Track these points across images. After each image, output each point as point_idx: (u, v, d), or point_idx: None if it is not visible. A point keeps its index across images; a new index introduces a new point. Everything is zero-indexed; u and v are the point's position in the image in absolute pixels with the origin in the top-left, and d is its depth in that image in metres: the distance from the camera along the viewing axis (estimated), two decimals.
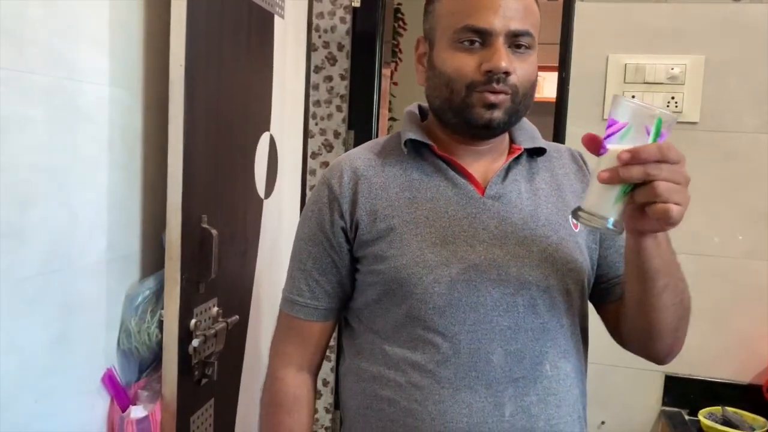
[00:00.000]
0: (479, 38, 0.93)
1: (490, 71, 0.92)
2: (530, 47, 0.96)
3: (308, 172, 2.55)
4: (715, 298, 1.85)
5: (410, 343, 0.97)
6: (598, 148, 0.81)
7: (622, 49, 1.88)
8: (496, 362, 0.94)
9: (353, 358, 1.05)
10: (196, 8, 1.32)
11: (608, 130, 0.80)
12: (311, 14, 2.18)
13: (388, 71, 3.45)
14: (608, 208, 0.79)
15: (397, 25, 3.52)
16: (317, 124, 3.08)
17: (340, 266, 1.04)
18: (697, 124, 1.84)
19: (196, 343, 1.38)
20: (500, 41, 0.92)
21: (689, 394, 1.88)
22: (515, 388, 0.95)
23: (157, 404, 1.34)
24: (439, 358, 0.95)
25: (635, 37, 1.87)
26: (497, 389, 0.94)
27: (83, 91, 1.22)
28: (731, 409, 1.78)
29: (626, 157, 0.75)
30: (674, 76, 1.83)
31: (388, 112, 3.42)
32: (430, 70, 1.00)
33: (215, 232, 1.41)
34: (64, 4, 1.16)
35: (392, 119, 3.46)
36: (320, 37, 3.03)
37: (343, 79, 3.06)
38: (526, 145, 1.05)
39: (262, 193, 1.77)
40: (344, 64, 3.06)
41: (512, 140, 1.07)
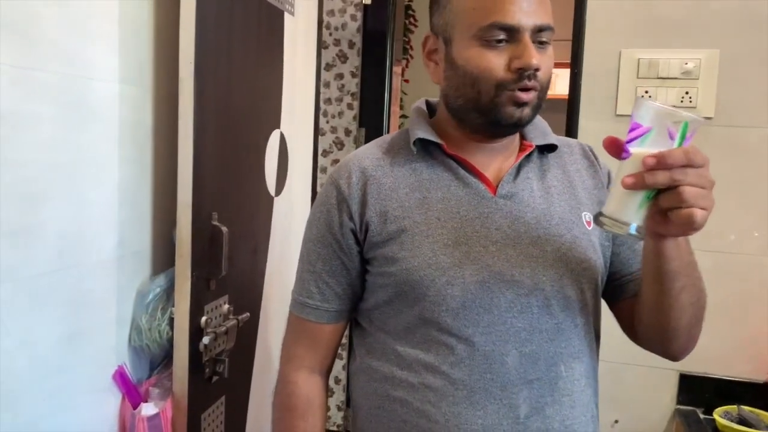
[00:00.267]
0: (506, 35, 0.91)
1: (521, 68, 0.90)
2: (549, 41, 0.94)
3: (319, 169, 2.55)
4: (730, 295, 1.82)
5: (423, 344, 0.96)
6: (619, 151, 0.79)
7: (635, 44, 1.86)
8: (510, 364, 0.93)
9: (364, 357, 1.04)
10: (205, 5, 1.32)
11: (631, 133, 0.77)
12: (321, 12, 2.17)
13: (399, 68, 3.44)
14: (632, 213, 0.77)
15: (408, 22, 3.51)
16: (328, 121, 3.08)
17: (350, 268, 1.03)
18: (711, 119, 1.82)
19: (206, 340, 1.38)
20: (527, 37, 0.91)
21: (704, 392, 1.86)
22: (530, 389, 0.94)
23: (168, 401, 1.34)
24: (453, 359, 0.94)
25: (648, 31, 1.85)
26: (512, 391, 0.93)
27: (93, 88, 1.22)
28: (747, 407, 1.75)
29: (652, 162, 0.73)
30: (688, 71, 1.81)
31: (399, 109, 3.42)
32: (450, 69, 0.97)
33: (225, 229, 1.41)
34: (73, 1, 1.16)
35: (403, 116, 3.46)
36: (331, 34, 3.03)
37: (354, 76, 3.06)
38: (537, 141, 1.03)
39: (272, 190, 1.77)
40: (355, 61, 3.06)
41: (522, 137, 1.05)
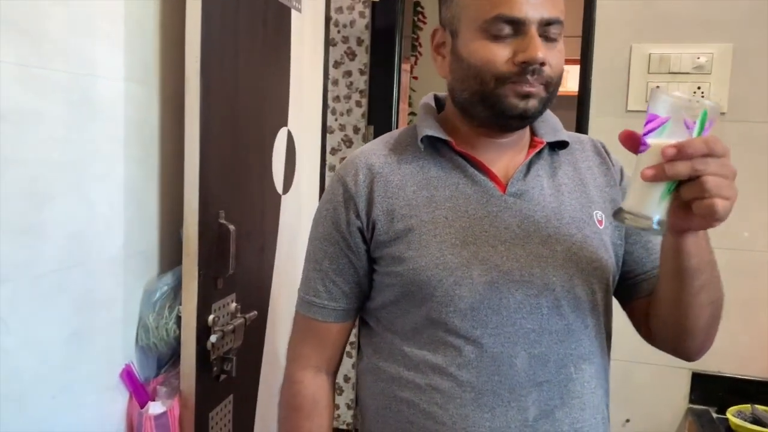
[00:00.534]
0: (511, 28, 0.89)
1: (525, 62, 0.88)
2: (560, 35, 0.92)
3: (327, 167, 2.54)
4: (744, 293, 1.80)
5: (430, 345, 0.94)
6: (636, 145, 0.77)
7: (645, 38, 1.83)
8: (519, 366, 0.91)
9: (371, 357, 1.03)
10: (211, 3, 1.32)
11: (647, 125, 0.75)
12: (329, 9, 2.16)
13: (407, 66, 3.43)
14: (653, 207, 0.75)
15: (416, 19, 3.50)
16: (336, 119, 3.07)
17: (357, 266, 1.01)
18: (724, 114, 1.79)
19: (214, 338, 1.38)
20: (533, 30, 0.88)
21: (717, 391, 1.83)
22: (539, 392, 0.92)
23: (175, 400, 1.34)
24: (460, 361, 0.92)
25: (659, 26, 1.83)
26: (520, 393, 0.91)
27: (99, 86, 1.22)
28: (761, 407, 1.73)
29: (672, 152, 0.71)
30: (700, 65, 1.78)
31: (408, 106, 3.40)
32: (455, 61, 0.96)
33: (233, 227, 1.41)
34: (79, 0, 1.16)
35: (412, 114, 3.44)
36: (339, 32, 3.03)
37: (362, 74, 3.05)
38: (548, 138, 1.00)
39: (280, 188, 1.76)
40: (363, 58, 3.05)
41: (533, 133, 1.03)
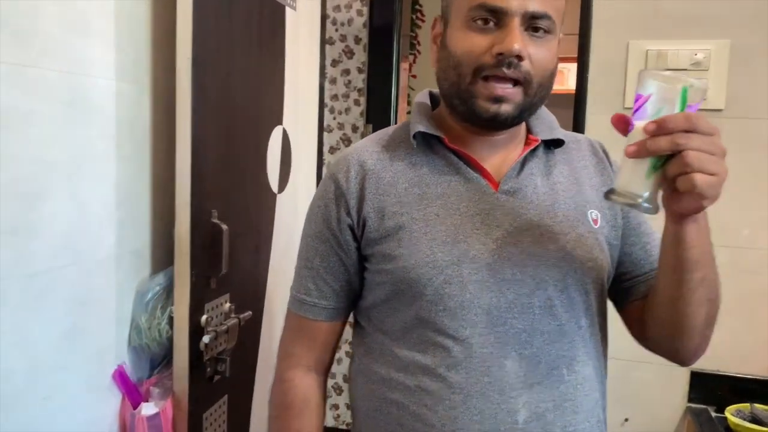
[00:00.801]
0: (494, 18, 0.87)
1: (501, 53, 0.86)
2: (549, 31, 0.89)
3: (324, 166, 2.53)
4: (743, 291, 1.78)
5: (420, 345, 0.93)
6: (626, 126, 0.77)
7: (643, 35, 1.82)
8: (509, 367, 0.90)
9: (362, 358, 1.02)
10: (203, 0, 1.31)
11: (635, 105, 0.76)
12: (325, 6, 2.15)
13: (406, 64, 3.41)
14: (640, 184, 0.75)
15: (415, 17, 3.49)
16: (335, 118, 3.06)
17: (348, 264, 1.00)
18: (722, 111, 1.78)
19: (207, 339, 1.37)
20: (515, 22, 0.86)
21: (716, 390, 1.82)
22: (530, 394, 0.90)
23: (168, 401, 1.33)
24: (450, 362, 0.90)
25: (656, 22, 1.81)
26: (510, 395, 0.89)
27: (90, 85, 1.21)
28: (760, 406, 1.71)
29: (652, 127, 0.71)
30: (698, 62, 1.77)
31: (406, 105, 3.39)
32: (441, 50, 0.95)
33: (226, 227, 1.40)
34: None
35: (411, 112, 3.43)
36: (337, 30, 3.01)
37: (360, 72, 3.04)
38: (543, 136, 0.99)
39: (275, 187, 1.75)
40: (362, 57, 3.03)
41: (529, 130, 1.01)
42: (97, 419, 1.28)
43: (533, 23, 0.88)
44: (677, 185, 0.73)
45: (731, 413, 1.69)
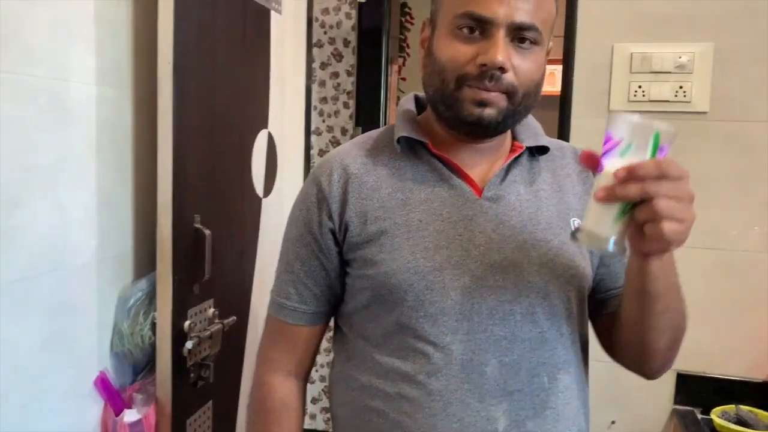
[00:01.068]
0: (479, 27, 0.87)
1: (484, 64, 0.86)
2: (536, 43, 0.88)
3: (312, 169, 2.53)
4: (729, 293, 1.79)
5: (400, 352, 0.92)
6: (596, 165, 0.75)
7: (627, 38, 1.82)
8: (489, 374, 0.89)
9: (343, 364, 1.01)
10: (184, 4, 1.30)
11: (605, 147, 0.75)
12: (311, 9, 2.15)
13: (396, 67, 3.42)
14: (608, 228, 0.74)
15: (404, 20, 3.49)
16: (324, 121, 3.06)
17: (329, 269, 0.99)
18: (707, 114, 1.78)
19: (190, 345, 1.36)
20: (501, 33, 0.86)
21: (702, 392, 1.82)
22: (510, 401, 0.89)
23: (151, 407, 1.33)
24: (429, 368, 0.90)
25: (641, 25, 1.82)
26: (490, 403, 0.89)
27: (70, 90, 1.21)
28: (745, 407, 1.71)
29: (623, 174, 0.70)
30: (682, 64, 1.77)
31: (396, 107, 3.40)
32: (427, 55, 0.94)
33: (208, 232, 1.39)
34: (48, 2, 1.14)
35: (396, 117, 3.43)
36: (326, 32, 3.01)
37: (349, 75, 3.04)
38: (528, 143, 0.99)
39: (260, 191, 1.75)
40: (351, 60, 3.03)
41: (514, 137, 1.01)
42: (78, 426, 1.27)
43: (519, 34, 0.87)
44: (645, 230, 0.72)
45: (717, 415, 1.69)
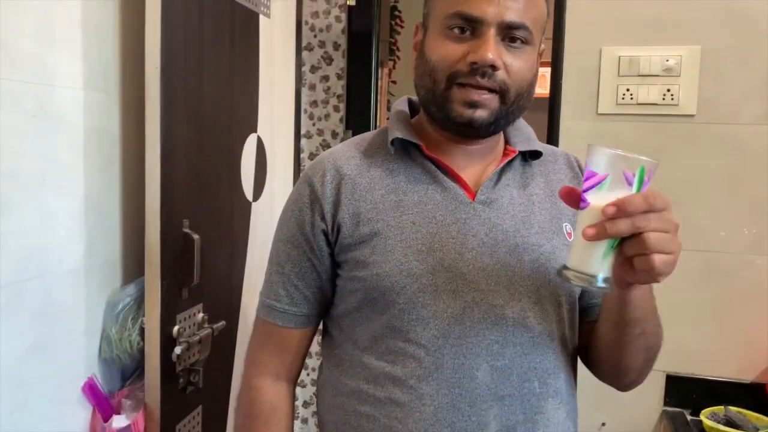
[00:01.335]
0: (470, 27, 0.87)
1: (475, 63, 0.86)
2: (527, 42, 0.89)
3: (302, 172, 2.52)
4: (718, 294, 1.80)
5: (390, 356, 0.91)
6: (577, 201, 0.76)
7: (615, 41, 1.83)
8: (481, 379, 0.89)
9: (332, 369, 1.00)
10: (172, 8, 1.30)
11: (586, 182, 0.74)
12: (300, 13, 2.15)
13: (386, 70, 3.42)
14: (596, 265, 0.74)
15: (394, 23, 3.49)
16: (314, 124, 3.05)
17: (320, 270, 0.98)
18: (694, 116, 1.79)
19: (179, 350, 1.35)
20: (491, 32, 0.86)
21: (691, 393, 1.83)
22: (501, 406, 0.89)
23: (140, 413, 1.32)
24: (420, 372, 0.89)
25: (629, 28, 1.83)
26: (481, 407, 0.89)
27: (56, 95, 1.20)
28: (734, 408, 1.72)
29: (612, 211, 0.70)
30: (669, 67, 1.79)
31: (387, 111, 3.40)
32: (419, 57, 0.95)
33: (197, 236, 1.39)
34: (33, 5, 1.14)
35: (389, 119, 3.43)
36: (315, 36, 3.00)
37: (339, 78, 3.03)
38: (521, 147, 0.99)
39: (250, 195, 1.75)
40: (341, 63, 3.03)
41: (507, 141, 1.01)
42: None
43: (510, 33, 0.88)
44: (635, 264, 0.73)
45: (706, 416, 1.70)
